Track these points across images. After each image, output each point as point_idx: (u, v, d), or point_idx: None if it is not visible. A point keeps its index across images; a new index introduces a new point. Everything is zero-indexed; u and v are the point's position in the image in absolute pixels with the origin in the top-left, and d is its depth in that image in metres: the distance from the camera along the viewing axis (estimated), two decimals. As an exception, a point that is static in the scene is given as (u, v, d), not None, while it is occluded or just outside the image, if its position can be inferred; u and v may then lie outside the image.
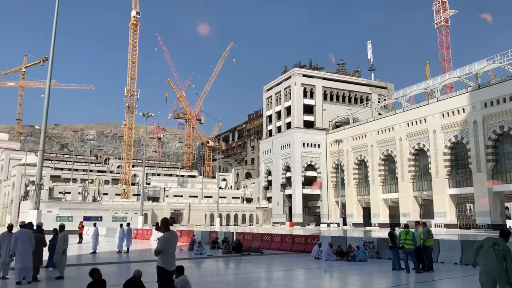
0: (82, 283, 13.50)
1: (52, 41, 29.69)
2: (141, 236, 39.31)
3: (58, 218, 50.67)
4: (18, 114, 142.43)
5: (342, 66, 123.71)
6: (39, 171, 26.29)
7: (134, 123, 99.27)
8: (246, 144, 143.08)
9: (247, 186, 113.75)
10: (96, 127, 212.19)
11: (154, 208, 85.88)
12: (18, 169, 79.27)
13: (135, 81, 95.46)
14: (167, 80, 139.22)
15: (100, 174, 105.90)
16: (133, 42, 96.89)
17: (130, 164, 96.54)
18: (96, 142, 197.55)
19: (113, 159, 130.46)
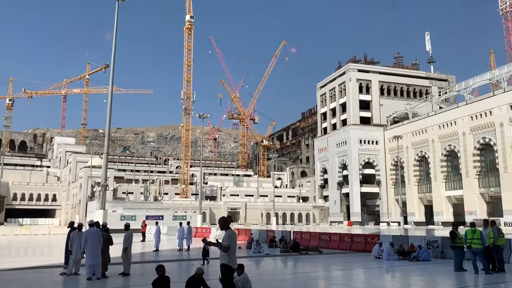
0: (147, 279, 14.08)
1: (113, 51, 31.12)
2: (200, 235, 40.21)
3: (123, 217, 53.06)
4: (83, 119, 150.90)
5: (399, 59, 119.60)
6: (104, 173, 27.67)
7: (191, 125, 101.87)
8: (301, 142, 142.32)
9: (303, 185, 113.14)
10: (155, 129, 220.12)
11: (212, 207, 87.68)
12: (85, 171, 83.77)
13: (191, 83, 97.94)
14: (221, 81, 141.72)
15: (160, 174, 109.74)
16: (188, 45, 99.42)
17: (188, 165, 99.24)
18: (156, 144, 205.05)
19: (172, 159, 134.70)
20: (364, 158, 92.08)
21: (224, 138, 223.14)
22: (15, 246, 31.05)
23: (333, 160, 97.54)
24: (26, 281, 13.56)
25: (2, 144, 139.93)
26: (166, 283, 9.03)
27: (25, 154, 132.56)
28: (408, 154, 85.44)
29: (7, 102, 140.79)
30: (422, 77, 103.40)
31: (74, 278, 13.66)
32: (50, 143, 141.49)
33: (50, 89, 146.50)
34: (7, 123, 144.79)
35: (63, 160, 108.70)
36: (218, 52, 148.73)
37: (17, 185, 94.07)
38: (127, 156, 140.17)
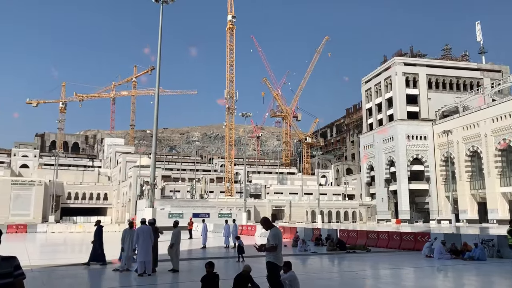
0: (195, 276, 14.35)
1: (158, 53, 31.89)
2: (246, 232, 40.53)
3: (171, 215, 54.40)
4: (131, 120, 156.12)
5: (448, 51, 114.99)
6: (152, 172, 28.46)
7: (234, 124, 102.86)
8: (345, 139, 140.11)
9: (348, 183, 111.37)
10: (200, 129, 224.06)
11: (256, 205, 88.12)
12: (134, 171, 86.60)
13: (233, 83, 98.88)
14: (263, 79, 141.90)
15: (205, 173, 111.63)
16: (230, 45, 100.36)
17: (232, 163, 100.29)
18: (201, 143, 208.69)
19: (216, 158, 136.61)
20: (412, 154, 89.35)
21: (267, 136, 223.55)
22: (70, 243, 32.61)
23: (380, 156, 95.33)
24: (79, 277, 14.18)
25: (57, 146, 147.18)
26: (215, 279, 9.16)
27: (77, 155, 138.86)
28: (458, 149, 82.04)
29: (60, 106, 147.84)
30: (472, 69, 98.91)
31: (126, 274, 14.14)
32: (100, 144, 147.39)
33: (99, 92, 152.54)
34: (60, 125, 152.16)
35: (113, 160, 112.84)
36: (260, 50, 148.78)
37: (71, 184, 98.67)
38: (174, 156, 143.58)
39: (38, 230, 47.98)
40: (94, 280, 13.51)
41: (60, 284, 12.54)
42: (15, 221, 61.84)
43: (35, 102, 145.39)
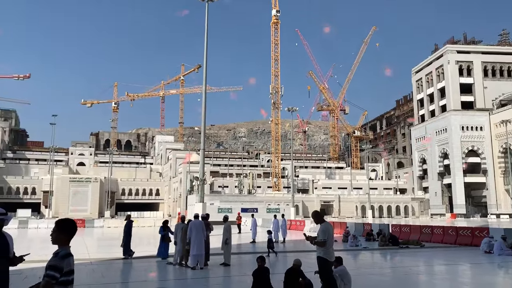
0: (246, 269, 14.51)
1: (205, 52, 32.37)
2: (294, 227, 40.46)
3: (220, 210, 55.28)
4: (180, 118, 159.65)
5: (505, 36, 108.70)
6: (201, 168, 29.05)
7: (280, 119, 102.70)
8: (396, 131, 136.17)
9: (399, 176, 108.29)
10: (246, 124, 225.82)
11: (304, 200, 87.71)
12: (184, 167, 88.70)
13: (278, 78, 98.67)
14: (309, 73, 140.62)
15: (252, 168, 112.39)
16: (275, 40, 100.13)
17: (279, 158, 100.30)
18: (247, 138, 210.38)
19: (263, 153, 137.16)
20: (467, 146, 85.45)
21: (313, 131, 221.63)
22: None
23: (433, 149, 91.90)
24: (135, 269, 14.74)
25: (110, 144, 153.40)
26: (266, 273, 9.21)
27: (130, 153, 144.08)
28: (519, 140, 77.59)
29: (113, 106, 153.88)
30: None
31: (179, 267, 14.54)
32: (151, 141, 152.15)
33: (149, 91, 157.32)
34: (113, 124, 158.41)
35: (164, 157, 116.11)
36: (305, 44, 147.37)
37: (125, 181, 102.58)
38: (221, 152, 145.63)
39: (95, 225, 50.30)
40: (149, 273, 13.97)
41: (117, 276, 13.09)
42: (74, 216, 65.10)
43: (90, 103, 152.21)
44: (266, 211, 59.89)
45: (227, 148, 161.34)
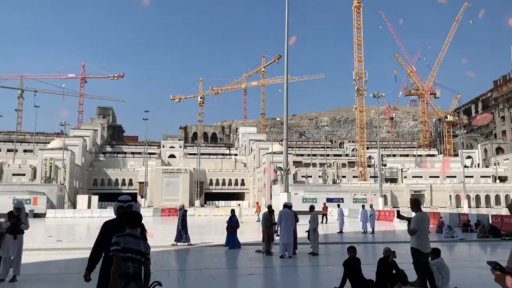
0: (334, 259, 14.30)
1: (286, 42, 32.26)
2: (383, 218, 39.18)
3: (304, 199, 55.22)
4: (262, 109, 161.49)
5: None
6: (285, 158, 29.14)
7: (365, 106, 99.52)
8: (494, 115, 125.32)
9: (499, 163, 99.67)
10: (328, 113, 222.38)
11: (392, 189, 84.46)
12: (267, 157, 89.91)
13: (362, 63, 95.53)
14: (395, 56, 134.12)
15: (336, 157, 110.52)
16: (357, 24, 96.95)
17: (364, 147, 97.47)
18: (330, 127, 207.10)
19: (347, 142, 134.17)
20: None
21: (401, 117, 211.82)
22: (214, 225, 35.31)
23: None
24: (225, 257, 15.20)
25: (198, 137, 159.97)
26: (357, 264, 8.98)
27: (216, 145, 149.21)
28: None
29: (198, 100, 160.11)
30: None
31: (267, 256, 14.75)
32: (235, 133, 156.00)
33: (232, 84, 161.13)
34: (200, 118, 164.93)
35: (248, 148, 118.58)
36: (390, 26, 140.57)
37: (212, 172, 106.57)
38: (303, 141, 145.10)
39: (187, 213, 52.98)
40: (239, 260, 14.33)
41: (210, 262, 13.59)
42: (167, 206, 69.19)
43: (178, 98, 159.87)
44: (353, 201, 58.64)
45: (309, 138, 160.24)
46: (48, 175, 75.09)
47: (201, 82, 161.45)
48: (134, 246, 4.32)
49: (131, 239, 4.32)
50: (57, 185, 71.89)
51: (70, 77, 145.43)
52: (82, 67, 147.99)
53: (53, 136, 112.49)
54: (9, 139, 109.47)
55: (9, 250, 10.04)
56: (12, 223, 10.12)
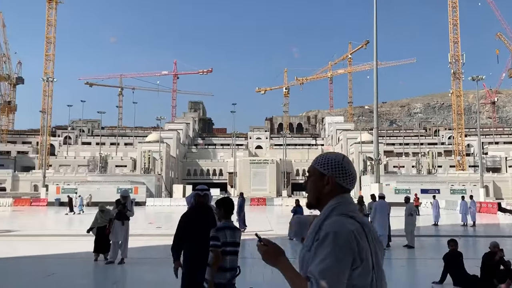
0: (430, 253, 13.61)
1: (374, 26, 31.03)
2: (485, 210, 36.33)
3: (397, 190, 53.09)
4: (349, 97, 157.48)
5: None
6: (375, 147, 28.22)
7: (462, 90, 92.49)
8: None
9: None
10: (421, 99, 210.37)
11: (495, 179, 77.84)
12: (355, 147, 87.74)
13: (458, 44, 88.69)
14: (497, 35, 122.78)
15: (431, 146, 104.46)
16: (453, 2, 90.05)
17: (462, 134, 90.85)
18: (423, 114, 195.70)
19: (442, 130, 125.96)
20: None
21: (505, 101, 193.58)
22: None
23: None
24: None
25: (283, 128, 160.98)
26: (459, 258, 8.43)
27: (302, 135, 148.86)
28: None
29: (284, 91, 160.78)
30: None
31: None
32: (321, 123, 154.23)
33: (317, 73, 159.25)
34: (285, 109, 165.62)
35: (334, 138, 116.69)
36: (490, 1, 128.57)
37: (298, 162, 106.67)
38: (395, 130, 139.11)
39: (275, 203, 53.76)
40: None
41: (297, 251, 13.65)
42: (255, 195, 70.79)
43: (263, 90, 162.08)
44: (450, 192, 55.08)
45: (400, 126, 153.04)
46: (147, 166, 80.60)
47: (285, 73, 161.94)
48: (232, 238, 4.34)
49: (229, 232, 4.33)
50: (155, 175, 76.98)
51: (164, 74, 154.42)
52: (174, 64, 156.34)
53: (150, 130, 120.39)
54: (111, 133, 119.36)
55: (118, 235, 10.99)
56: (119, 210, 11.06)
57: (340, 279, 1.77)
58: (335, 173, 2.06)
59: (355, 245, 1.81)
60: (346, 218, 1.93)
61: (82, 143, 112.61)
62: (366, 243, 1.87)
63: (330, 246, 1.81)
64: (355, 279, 1.82)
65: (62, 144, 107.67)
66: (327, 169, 2.09)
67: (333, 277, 1.76)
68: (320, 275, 1.76)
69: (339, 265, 1.77)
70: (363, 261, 1.83)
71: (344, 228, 1.85)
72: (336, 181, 2.06)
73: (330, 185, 2.06)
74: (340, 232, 1.83)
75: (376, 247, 1.94)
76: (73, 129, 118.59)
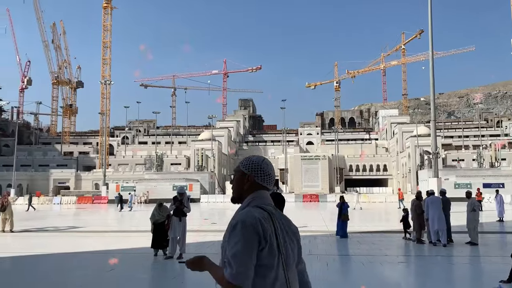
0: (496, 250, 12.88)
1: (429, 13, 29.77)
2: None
3: (456, 185, 50.86)
4: (403, 89, 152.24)
5: None
6: (433, 141, 27.09)
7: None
8: None
9: None
10: (481, 89, 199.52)
11: None
12: (411, 141, 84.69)
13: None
14: None
15: (493, 138, 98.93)
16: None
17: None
18: (484, 105, 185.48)
19: (506, 121, 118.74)
20: None
21: None
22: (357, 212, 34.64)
23: None
24: (373, 243, 14.81)
25: (335, 123, 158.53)
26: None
27: (354, 130, 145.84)
28: None
29: (335, 85, 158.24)
30: None
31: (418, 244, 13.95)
32: (375, 117, 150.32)
33: (369, 66, 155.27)
34: (336, 103, 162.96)
35: (389, 132, 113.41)
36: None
37: (351, 157, 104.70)
38: (453, 122, 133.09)
39: (328, 200, 53.13)
40: (388, 248, 13.81)
41: (357, 248, 13.38)
42: (307, 192, 70.31)
43: (313, 85, 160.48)
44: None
45: (459, 117, 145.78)
46: (200, 164, 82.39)
47: (336, 67, 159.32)
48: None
49: None
50: (208, 172, 78.54)
51: (214, 73, 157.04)
52: (224, 63, 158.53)
53: (202, 129, 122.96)
54: (166, 133, 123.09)
55: (176, 230, 11.31)
56: (176, 206, 11.37)
57: (250, 260, 2.07)
58: (255, 173, 2.42)
59: (260, 228, 2.11)
60: (256, 208, 2.26)
61: (138, 142, 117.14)
62: (272, 228, 2.17)
63: (240, 232, 2.11)
64: (263, 259, 2.10)
65: (120, 144, 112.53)
66: (248, 169, 2.44)
67: (243, 258, 2.06)
68: (232, 259, 2.06)
69: (247, 248, 2.07)
70: (268, 242, 2.11)
71: (251, 216, 2.17)
72: (256, 180, 2.41)
73: (249, 182, 2.41)
74: (247, 220, 2.14)
75: (285, 234, 2.24)
76: (130, 129, 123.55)
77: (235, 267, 2.05)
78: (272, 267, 2.12)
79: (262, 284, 2.10)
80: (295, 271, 2.30)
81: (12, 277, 9.78)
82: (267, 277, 2.11)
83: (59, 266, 11.19)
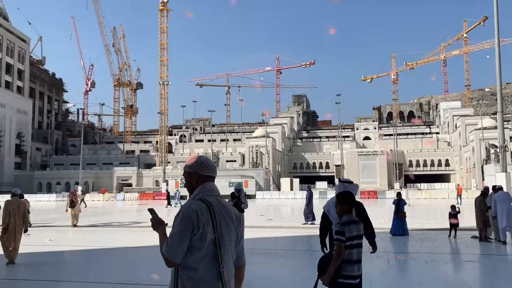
0: None
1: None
2: None
3: (527, 180, 47.59)
4: (466, 80, 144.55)
5: None
6: (500, 133, 25.46)
7: None
8: None
9: None
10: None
11: None
12: (475, 134, 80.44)
13: None
14: None
15: None
16: None
17: None
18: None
19: None
20: None
21: None
22: (418, 208, 33.48)
23: None
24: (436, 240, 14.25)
25: (393, 117, 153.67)
26: None
27: (413, 123, 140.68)
28: None
29: (392, 77, 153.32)
30: None
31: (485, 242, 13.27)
32: (435, 109, 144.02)
33: (428, 56, 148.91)
34: (394, 96, 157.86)
35: (451, 125, 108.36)
36: None
37: (411, 152, 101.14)
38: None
39: (387, 196, 51.63)
40: (453, 246, 13.24)
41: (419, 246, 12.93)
42: (365, 188, 68.71)
43: (369, 78, 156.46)
44: None
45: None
46: (255, 161, 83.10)
47: (393, 58, 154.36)
48: (357, 232, 4.38)
49: (353, 227, 4.37)
50: (262, 169, 79.04)
51: (267, 70, 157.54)
52: (277, 60, 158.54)
53: (256, 126, 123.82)
54: (221, 130, 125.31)
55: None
56: (234, 202, 11.53)
57: (180, 242, 2.69)
58: (197, 168, 2.94)
59: (195, 219, 2.69)
60: (196, 201, 2.80)
61: (195, 140, 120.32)
62: (208, 217, 2.71)
63: (179, 219, 2.74)
64: (195, 242, 2.70)
65: (178, 142, 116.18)
66: (191, 168, 2.97)
67: (176, 239, 2.69)
68: (169, 238, 2.72)
69: (181, 233, 2.69)
70: (200, 229, 2.68)
71: (189, 207, 2.75)
72: (200, 173, 2.93)
73: (196, 178, 2.94)
74: (185, 210, 2.74)
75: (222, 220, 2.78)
76: (187, 128, 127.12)
77: (169, 245, 2.70)
78: (201, 248, 2.70)
79: (192, 259, 2.71)
80: (231, 250, 2.84)
81: (84, 268, 10.42)
82: (195, 254, 2.71)
83: (126, 259, 11.76)
